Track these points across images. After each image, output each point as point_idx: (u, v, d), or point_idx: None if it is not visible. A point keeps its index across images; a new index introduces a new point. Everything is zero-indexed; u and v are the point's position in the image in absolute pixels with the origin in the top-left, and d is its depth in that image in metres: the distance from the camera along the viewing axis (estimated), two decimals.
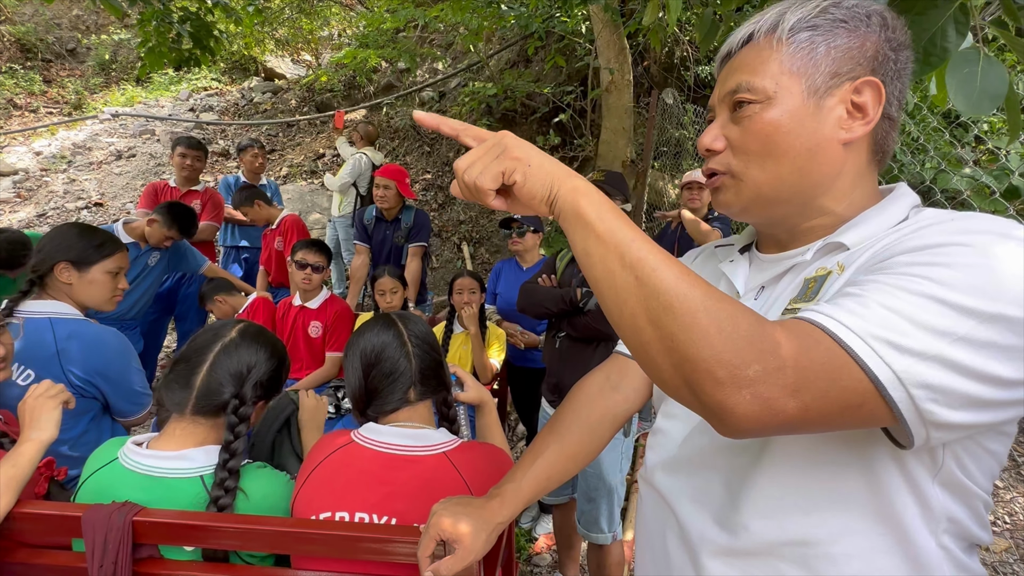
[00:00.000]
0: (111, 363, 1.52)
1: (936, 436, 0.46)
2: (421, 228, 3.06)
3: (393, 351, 1.03)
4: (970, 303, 0.43)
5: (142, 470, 0.92)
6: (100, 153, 6.80)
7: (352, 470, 0.93)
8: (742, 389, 0.43)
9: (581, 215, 0.49)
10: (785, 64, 0.56)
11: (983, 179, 2.98)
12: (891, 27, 0.55)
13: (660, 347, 0.45)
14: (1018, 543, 2.35)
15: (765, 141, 0.56)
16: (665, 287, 0.45)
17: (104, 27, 9.30)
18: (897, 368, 0.43)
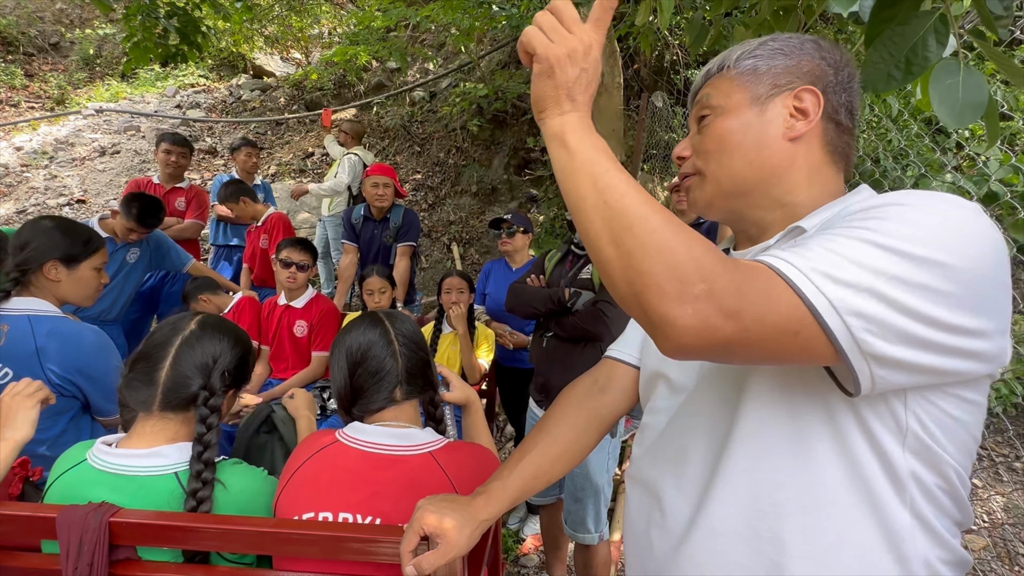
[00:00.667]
0: (92, 361, 1.49)
1: (880, 374, 0.48)
2: (410, 228, 3.04)
3: (379, 350, 1.02)
4: (905, 247, 0.47)
5: (113, 469, 0.90)
6: (83, 149, 6.68)
7: (336, 470, 0.92)
8: (686, 304, 0.46)
9: (565, 144, 0.55)
10: (734, 83, 0.67)
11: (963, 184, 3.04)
12: (825, 49, 0.66)
13: (618, 264, 0.50)
14: (996, 541, 2.40)
15: (719, 141, 0.67)
16: (629, 211, 0.50)
17: (88, 21, 9.14)
18: (831, 296, 0.47)
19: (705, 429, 0.65)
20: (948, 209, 0.50)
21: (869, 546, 0.55)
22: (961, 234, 0.49)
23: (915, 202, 0.51)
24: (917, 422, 0.54)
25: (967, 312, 0.48)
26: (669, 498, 0.67)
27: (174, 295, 3.13)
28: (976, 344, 0.49)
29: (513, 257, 2.58)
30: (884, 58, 0.78)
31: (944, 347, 0.48)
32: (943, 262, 0.47)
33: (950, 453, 0.55)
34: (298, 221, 5.73)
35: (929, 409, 0.54)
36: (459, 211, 5.94)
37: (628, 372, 0.87)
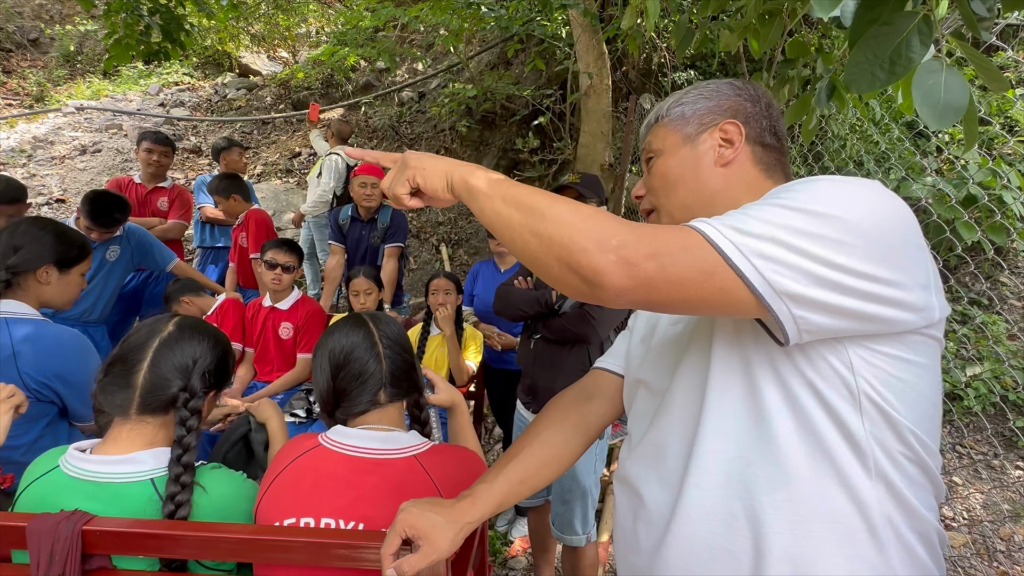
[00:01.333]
0: (70, 365, 1.45)
1: (800, 315, 0.53)
2: (398, 228, 3.02)
3: (363, 352, 1.01)
4: (806, 205, 0.54)
5: (86, 476, 0.87)
6: (63, 147, 6.54)
7: (319, 474, 0.91)
8: (607, 253, 0.53)
9: (470, 187, 0.65)
10: (668, 129, 0.78)
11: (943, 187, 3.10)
12: (740, 87, 0.77)
13: (543, 248, 0.57)
14: (975, 538, 2.44)
15: (663, 178, 0.77)
16: (536, 205, 0.59)
17: (69, 17, 8.96)
18: (736, 241, 0.53)
19: (679, 421, 0.68)
20: (845, 180, 0.58)
21: (841, 517, 0.57)
22: (857, 197, 0.55)
23: (819, 178, 0.59)
24: (867, 384, 0.57)
25: (871, 260, 0.53)
26: (651, 493, 0.70)
27: (157, 296, 3.06)
28: (891, 292, 0.54)
29: (502, 258, 2.57)
30: (868, 58, 0.78)
31: (856, 291, 0.53)
32: (840, 216, 0.53)
33: (904, 415, 0.58)
34: (284, 222, 5.67)
35: (876, 372, 0.57)
36: (448, 212, 5.92)
37: (614, 381, 0.91)
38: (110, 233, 2.48)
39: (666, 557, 0.65)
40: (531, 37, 5.35)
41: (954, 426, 3.01)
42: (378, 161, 0.73)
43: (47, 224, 1.60)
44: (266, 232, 3.12)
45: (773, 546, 0.58)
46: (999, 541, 2.42)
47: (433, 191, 0.68)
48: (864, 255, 0.53)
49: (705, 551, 0.62)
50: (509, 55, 5.89)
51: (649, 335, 0.82)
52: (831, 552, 0.57)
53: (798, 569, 0.58)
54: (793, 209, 0.54)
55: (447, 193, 0.67)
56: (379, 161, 0.73)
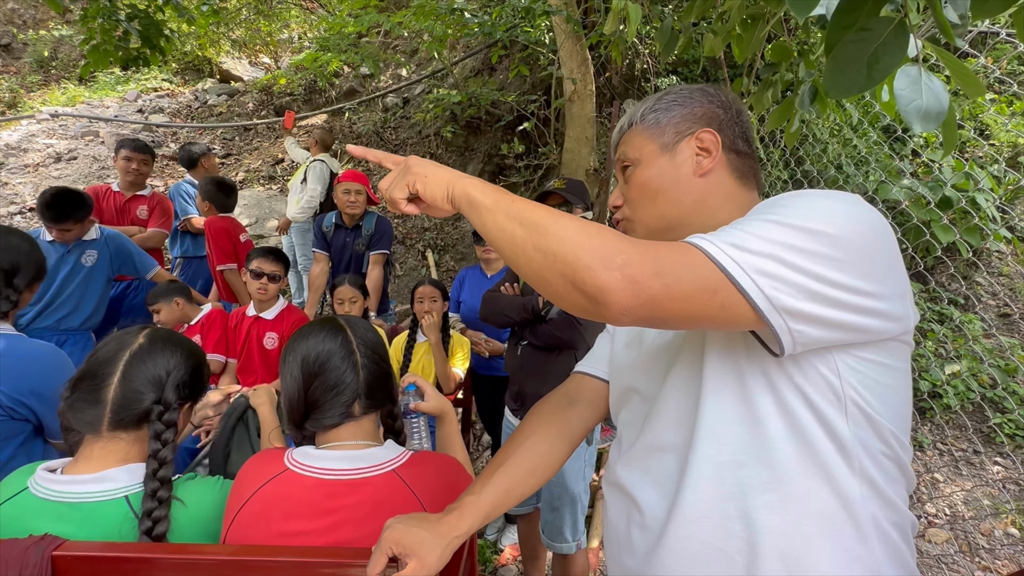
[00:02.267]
0: (46, 381, 1.40)
1: (797, 328, 0.55)
2: (383, 235, 2.99)
3: (339, 361, 0.94)
4: (797, 222, 0.56)
5: (56, 497, 0.83)
6: (37, 155, 6.38)
7: (289, 502, 0.85)
8: (612, 271, 0.54)
9: (472, 200, 0.64)
10: (643, 137, 0.77)
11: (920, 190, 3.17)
12: (712, 94, 0.77)
13: (547, 264, 0.57)
14: (958, 535, 2.48)
15: (642, 189, 0.77)
16: (540, 221, 0.59)
17: (43, 22, 8.78)
18: (738, 259, 0.55)
19: (673, 428, 0.70)
20: (831, 196, 0.60)
21: (829, 515, 0.60)
22: (844, 213, 0.58)
23: (807, 194, 0.61)
24: (853, 390, 0.60)
25: (858, 275, 0.56)
26: (646, 497, 0.70)
27: (138, 307, 2.98)
28: (875, 304, 0.57)
29: (489, 264, 2.56)
30: (846, 64, 0.79)
31: (846, 304, 0.56)
32: (831, 233, 0.56)
33: (884, 417, 0.61)
34: (267, 229, 5.60)
35: (861, 379, 0.60)
36: (434, 218, 5.89)
37: (597, 386, 0.91)
38: (66, 230, 2.35)
39: (662, 558, 0.67)
40: (515, 43, 5.38)
41: (935, 424, 3.07)
42: (381, 161, 0.73)
43: (24, 239, 1.57)
44: (227, 240, 3.01)
45: (766, 545, 0.61)
46: (980, 536, 2.46)
47: (432, 199, 0.67)
48: (852, 270, 0.55)
49: (700, 551, 0.64)
50: (493, 61, 5.90)
51: (636, 341, 0.82)
52: (820, 548, 0.60)
53: (790, 566, 0.60)
54: (787, 226, 0.56)
55: (446, 203, 0.66)
56: (382, 161, 0.72)
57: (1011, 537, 2.44)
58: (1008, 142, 4.12)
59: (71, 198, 2.38)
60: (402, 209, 0.70)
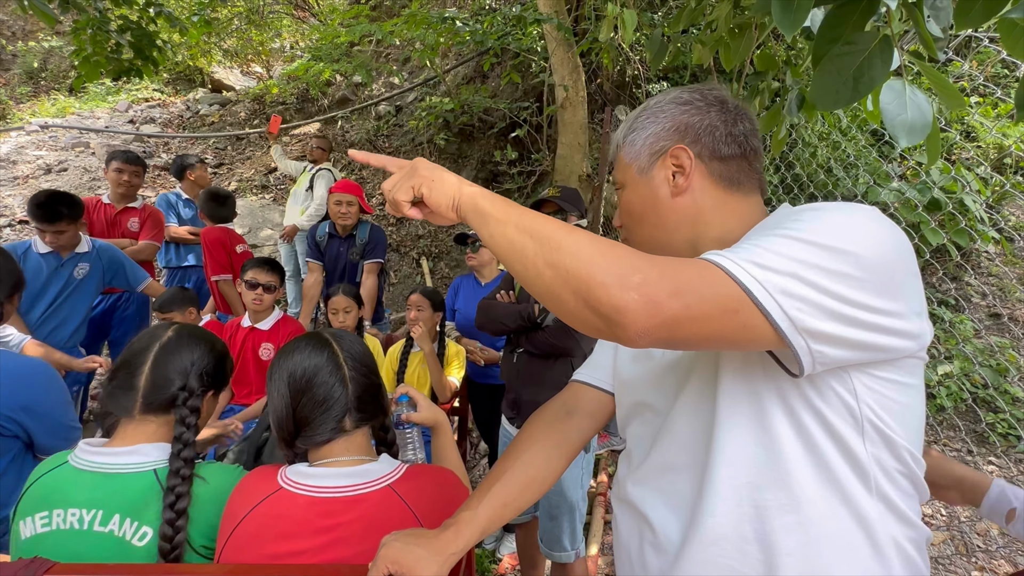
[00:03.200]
0: (38, 397, 1.39)
1: (817, 349, 0.54)
2: (377, 244, 2.99)
3: (327, 375, 0.93)
4: (819, 239, 0.54)
5: (94, 468, 0.93)
6: (26, 167, 6.34)
7: (283, 521, 0.84)
8: (629, 291, 0.51)
9: (480, 209, 0.62)
10: (625, 160, 0.77)
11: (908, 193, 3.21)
12: (687, 101, 0.74)
13: (559, 281, 0.55)
14: (954, 536, 2.49)
15: (628, 214, 0.77)
16: (553, 235, 0.56)
17: (33, 33, 8.74)
18: (760, 278, 0.52)
19: (687, 448, 0.68)
20: (853, 211, 0.58)
21: (847, 536, 0.59)
22: (866, 230, 0.56)
23: (826, 207, 0.59)
24: (869, 410, 0.59)
25: (878, 294, 0.54)
26: (660, 517, 0.69)
27: (128, 319, 2.96)
28: (894, 322, 0.56)
29: (482, 272, 2.56)
30: (832, 78, 0.81)
31: (867, 324, 0.54)
32: (852, 252, 0.54)
33: (900, 435, 0.60)
34: (261, 238, 5.58)
35: (878, 398, 0.59)
36: (428, 225, 5.90)
37: (596, 395, 0.89)
38: (60, 231, 2.32)
39: None
40: (506, 51, 5.41)
41: (928, 425, 3.09)
42: (385, 166, 0.70)
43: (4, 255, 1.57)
44: (223, 251, 3.00)
45: (784, 567, 0.60)
46: (976, 537, 2.48)
47: (437, 206, 0.64)
48: (873, 289, 0.54)
49: (717, 574, 0.63)
50: (485, 68, 5.93)
51: (644, 355, 0.80)
52: (839, 570, 0.59)
53: None
54: (807, 243, 0.54)
55: (451, 211, 0.64)
56: (386, 166, 0.70)
57: (1006, 537, 2.46)
58: (994, 144, 4.18)
59: (62, 197, 2.36)
60: (404, 212, 0.67)
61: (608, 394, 0.89)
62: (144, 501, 0.90)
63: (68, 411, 1.47)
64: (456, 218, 0.64)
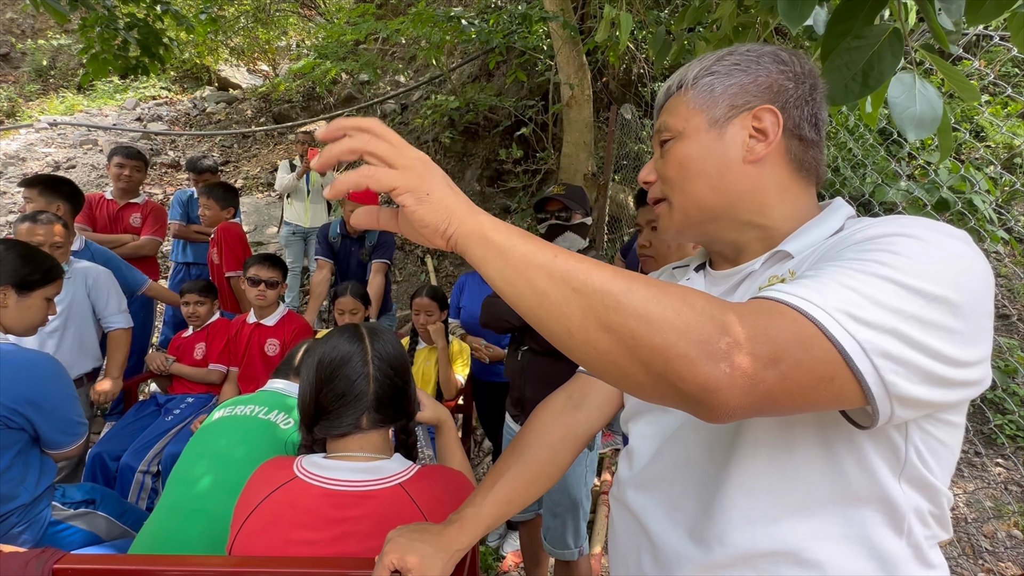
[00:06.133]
0: (43, 390, 1.40)
1: (899, 413, 0.47)
2: (385, 245, 3.02)
3: (351, 370, 0.94)
4: (917, 284, 0.46)
5: None
6: (35, 164, 6.39)
7: (296, 510, 0.85)
8: (719, 363, 0.42)
9: (493, 245, 0.48)
10: (691, 105, 0.65)
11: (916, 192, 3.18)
12: (785, 62, 0.63)
13: (621, 350, 0.43)
14: (961, 537, 2.47)
15: (680, 168, 0.65)
16: (606, 287, 0.44)
17: (42, 32, 8.81)
18: (860, 338, 0.44)
19: (699, 466, 0.62)
20: (948, 242, 0.49)
21: None
22: (962, 269, 0.48)
23: (918, 233, 0.49)
24: (915, 453, 0.53)
25: (967, 345, 0.47)
26: (661, 530, 0.65)
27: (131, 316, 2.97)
28: (974, 374, 0.49)
29: None
30: (841, 72, 0.80)
31: (952, 381, 0.47)
32: (951, 300, 0.46)
33: (940, 479, 0.55)
34: (267, 236, 5.60)
35: (925, 439, 0.53)
36: None
37: (603, 388, 0.85)
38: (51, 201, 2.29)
39: None
40: (512, 49, 5.40)
41: None
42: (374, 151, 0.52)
43: (13, 245, 1.56)
44: (240, 246, 3.01)
45: None
46: (983, 539, 2.46)
47: (422, 224, 0.50)
48: (963, 340, 0.47)
49: None
50: (490, 67, 5.93)
51: None
52: None
53: None
54: (905, 288, 0.45)
55: (439, 239, 0.50)
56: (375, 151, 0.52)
57: (1014, 539, 2.44)
58: (1004, 143, 4.14)
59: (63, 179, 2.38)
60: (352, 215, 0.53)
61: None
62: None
63: (74, 405, 1.48)
64: (441, 245, 0.51)
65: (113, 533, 1.50)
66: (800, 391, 0.44)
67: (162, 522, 1.17)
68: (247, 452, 1.21)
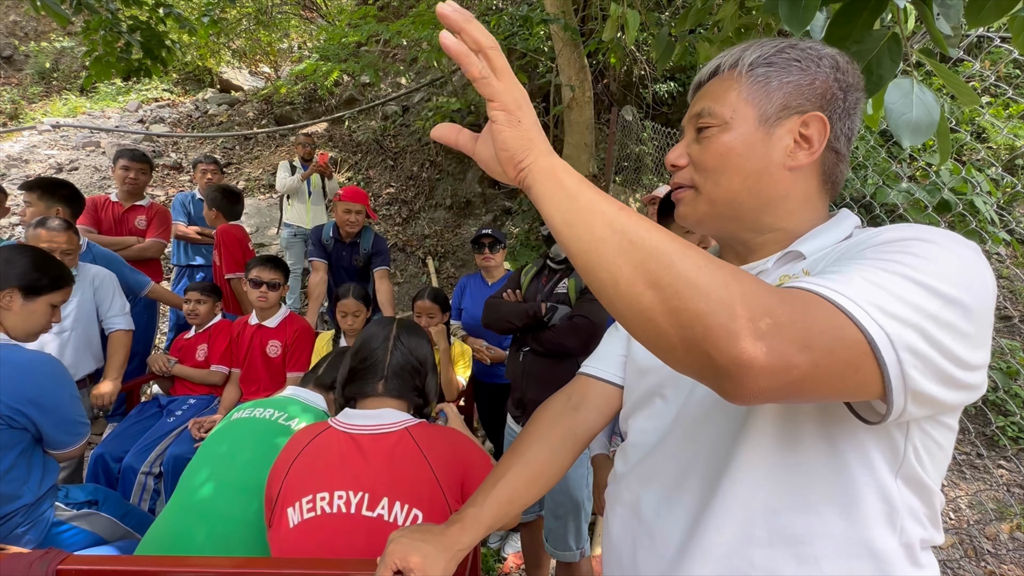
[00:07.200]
0: (45, 390, 1.40)
1: (911, 409, 0.47)
2: (383, 252, 3.03)
3: (375, 342, 1.16)
4: (937, 285, 0.46)
5: None
6: (38, 166, 6.41)
7: (330, 453, 1.05)
8: (758, 341, 0.41)
9: (563, 185, 0.49)
10: (743, 94, 0.62)
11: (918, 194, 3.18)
12: (842, 69, 0.61)
13: (663, 308, 0.43)
14: (963, 539, 2.47)
15: (720, 160, 0.62)
16: (663, 247, 0.44)
17: (44, 34, 8.85)
18: (889, 330, 0.44)
19: (700, 458, 0.63)
20: (961, 249, 0.50)
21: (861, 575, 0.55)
22: (974, 275, 0.48)
23: (934, 238, 0.50)
24: (913, 452, 0.54)
25: (975, 348, 0.48)
26: (659, 522, 0.65)
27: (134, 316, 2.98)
28: (977, 378, 0.49)
29: (490, 272, 2.57)
30: None
31: (960, 383, 0.48)
32: (966, 303, 0.47)
33: (933, 479, 0.56)
34: (268, 237, 5.61)
35: (924, 439, 0.54)
36: (434, 225, 5.91)
37: (603, 389, 0.85)
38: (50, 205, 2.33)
39: None
40: (513, 51, 5.42)
41: None
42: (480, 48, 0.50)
43: (26, 250, 1.57)
44: (240, 249, 3.03)
45: None
46: (985, 540, 2.45)
47: (503, 147, 0.51)
48: (972, 343, 0.48)
49: None
50: None
51: None
52: None
53: None
54: (927, 288, 0.46)
55: (512, 168, 0.51)
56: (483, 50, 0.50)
57: (1016, 541, 2.43)
58: (1005, 145, 4.14)
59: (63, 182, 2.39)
60: (473, 73, 0.49)
61: (616, 387, 0.85)
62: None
63: (76, 405, 1.48)
64: (511, 175, 0.51)
65: (115, 534, 1.51)
66: (827, 379, 0.44)
67: (170, 523, 1.20)
68: (256, 455, 1.27)
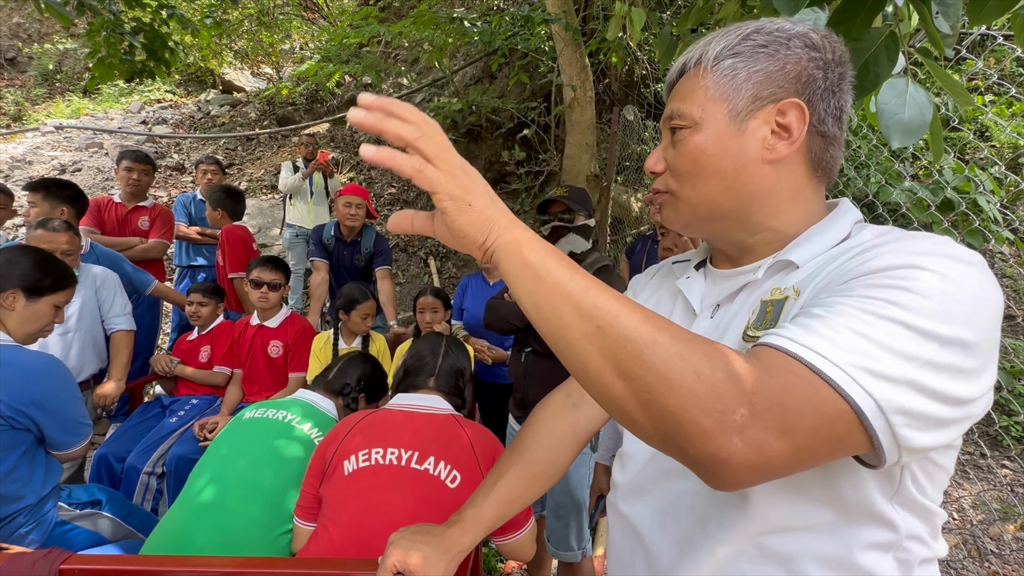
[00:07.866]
0: (47, 391, 1.41)
1: (905, 459, 0.46)
2: (385, 252, 3.03)
3: (427, 348, 1.41)
4: (931, 327, 0.44)
5: None
6: (42, 167, 6.44)
7: (384, 423, 1.23)
8: (732, 436, 0.40)
9: (527, 264, 0.47)
10: (710, 91, 0.58)
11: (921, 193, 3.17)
12: (817, 47, 0.57)
13: (634, 401, 0.42)
14: (966, 539, 2.46)
15: (693, 163, 0.60)
16: (631, 334, 0.42)
17: (48, 36, 8.89)
18: (877, 396, 0.42)
19: (693, 476, 0.60)
20: (963, 274, 0.46)
21: None
22: (977, 302, 0.45)
23: (932, 265, 0.46)
24: (911, 478, 0.52)
25: (977, 380, 0.46)
26: (655, 538, 0.64)
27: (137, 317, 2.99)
28: (978, 408, 0.47)
29: (491, 272, 2.57)
30: None
31: (959, 421, 0.46)
32: (965, 340, 0.44)
33: (934, 500, 0.54)
34: (270, 237, 5.63)
35: (922, 464, 0.52)
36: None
37: None
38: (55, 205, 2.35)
39: None
40: (514, 51, 5.42)
41: None
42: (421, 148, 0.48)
43: (29, 250, 1.57)
44: (243, 249, 3.04)
45: None
46: (989, 541, 2.44)
47: (461, 234, 0.48)
48: (973, 378, 0.45)
49: None
50: (493, 69, 5.94)
51: None
52: None
53: None
54: (921, 333, 0.43)
55: (478, 251, 0.49)
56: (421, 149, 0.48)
57: (1020, 541, 2.42)
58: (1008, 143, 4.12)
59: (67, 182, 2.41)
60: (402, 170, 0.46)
61: None
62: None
63: (78, 406, 1.49)
64: (481, 257, 0.49)
65: (118, 534, 1.52)
66: (812, 457, 0.43)
67: (175, 523, 1.23)
68: (261, 455, 1.31)
